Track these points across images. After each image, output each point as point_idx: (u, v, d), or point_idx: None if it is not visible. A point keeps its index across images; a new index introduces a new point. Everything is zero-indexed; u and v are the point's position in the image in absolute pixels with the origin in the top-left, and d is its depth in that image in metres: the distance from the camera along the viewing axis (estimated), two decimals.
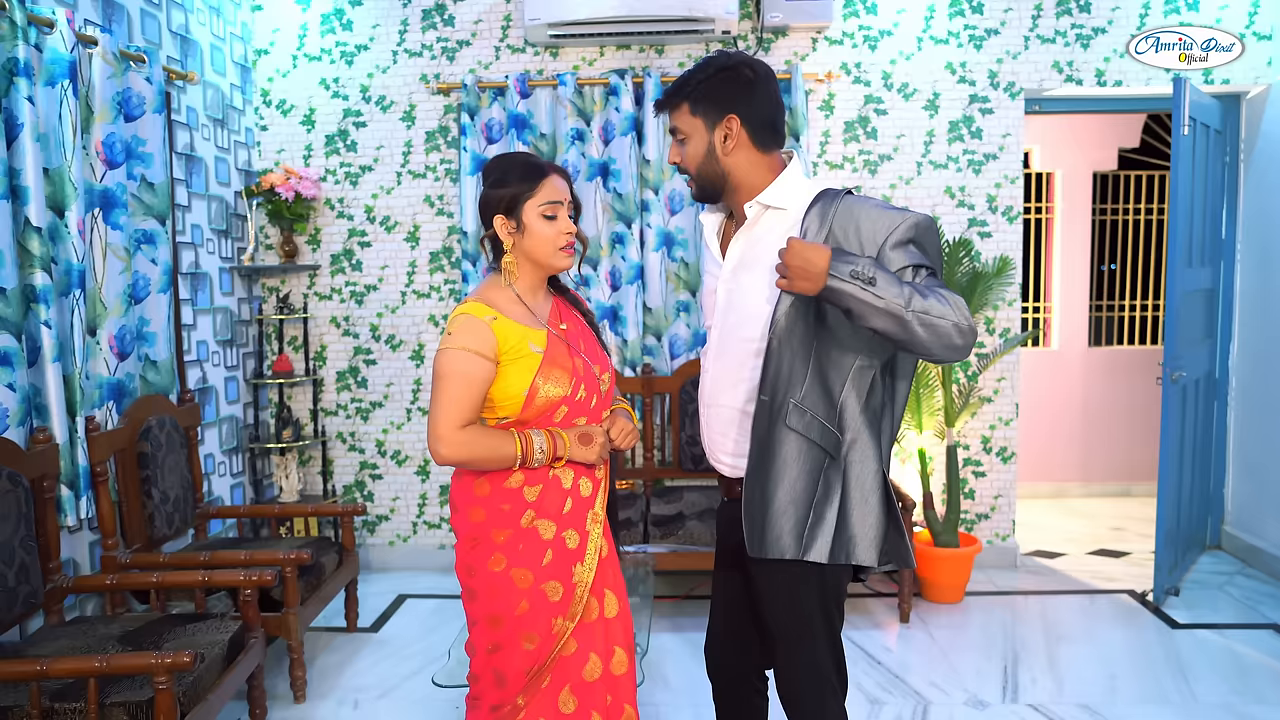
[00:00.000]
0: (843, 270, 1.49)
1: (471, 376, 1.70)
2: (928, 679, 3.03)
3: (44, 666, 2.05)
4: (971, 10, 3.93)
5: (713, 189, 1.74)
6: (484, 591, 1.76)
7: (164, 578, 2.66)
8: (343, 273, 4.13)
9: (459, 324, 1.73)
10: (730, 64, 1.68)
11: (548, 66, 4.01)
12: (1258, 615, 3.55)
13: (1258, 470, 4.12)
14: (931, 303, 1.49)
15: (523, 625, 1.74)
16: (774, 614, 1.75)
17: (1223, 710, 2.79)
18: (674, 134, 1.74)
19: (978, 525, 4.13)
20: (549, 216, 1.76)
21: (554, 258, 1.79)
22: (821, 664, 1.73)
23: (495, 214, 1.78)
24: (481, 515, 1.76)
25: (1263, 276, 4.06)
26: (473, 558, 1.78)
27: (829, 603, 1.72)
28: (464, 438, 1.69)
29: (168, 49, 3.41)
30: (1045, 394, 5.40)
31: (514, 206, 1.76)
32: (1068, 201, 5.46)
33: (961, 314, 1.51)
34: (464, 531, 1.79)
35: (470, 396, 1.70)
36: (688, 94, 1.69)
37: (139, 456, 3.01)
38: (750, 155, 1.70)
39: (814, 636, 1.72)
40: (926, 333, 1.49)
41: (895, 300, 1.48)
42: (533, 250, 1.78)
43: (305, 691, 2.94)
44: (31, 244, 2.56)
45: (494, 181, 1.78)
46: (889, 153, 4.00)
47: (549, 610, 1.75)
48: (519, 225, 1.76)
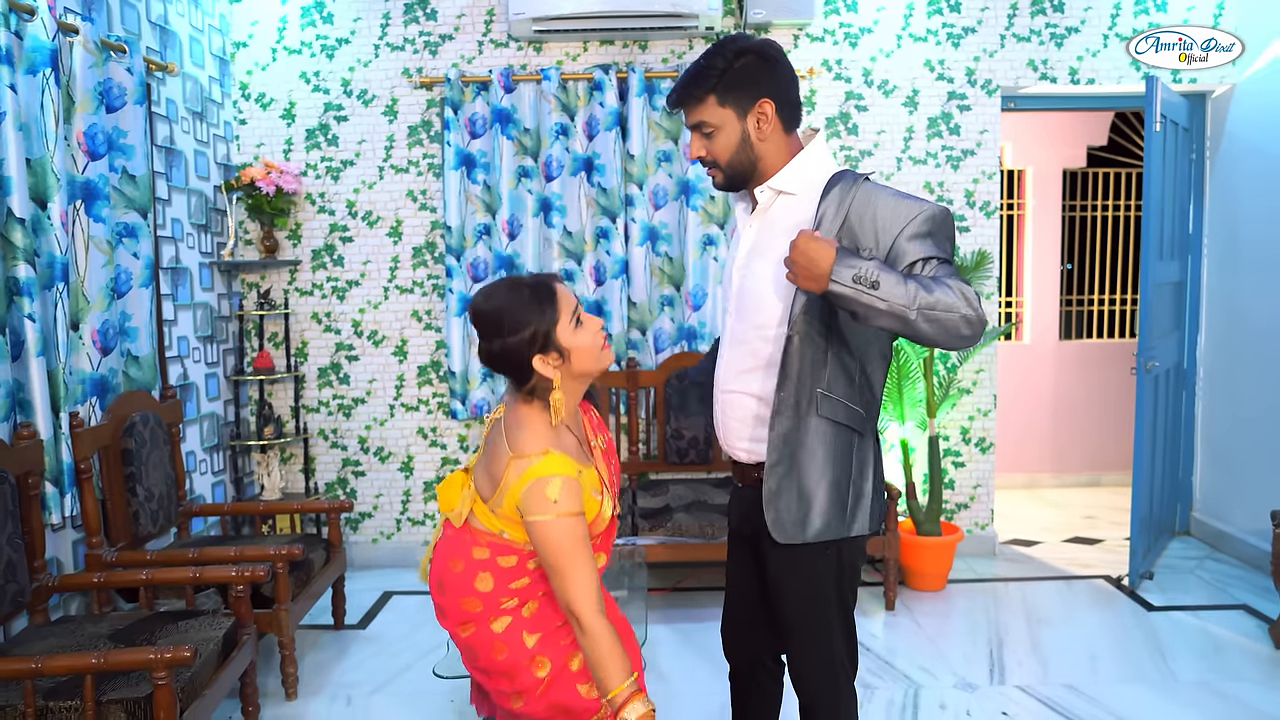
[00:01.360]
0: (845, 275, 1.47)
1: (587, 542, 1.59)
2: (917, 664, 3.09)
3: (39, 664, 2.01)
4: (949, 9, 4.00)
5: (743, 178, 1.72)
6: (511, 657, 1.68)
7: (154, 575, 2.62)
8: (324, 268, 4.09)
9: (560, 488, 1.55)
10: (750, 47, 1.64)
11: (531, 61, 4.01)
12: (1229, 596, 3.66)
13: (1224, 458, 4.25)
14: (938, 296, 1.47)
15: (575, 678, 1.69)
16: (791, 599, 1.75)
17: (1201, 688, 2.88)
18: (698, 129, 1.68)
19: (958, 514, 4.20)
20: (577, 322, 1.64)
21: (601, 360, 1.68)
22: (837, 648, 1.76)
23: (533, 357, 1.61)
24: (479, 607, 1.69)
25: (1228, 270, 4.19)
26: (476, 625, 1.70)
27: (845, 584, 1.75)
28: (602, 629, 1.56)
29: (147, 39, 3.35)
30: (1018, 387, 5.51)
31: (549, 342, 1.61)
32: (1039, 198, 5.57)
33: (969, 305, 1.49)
34: (454, 614, 1.71)
35: (594, 570, 1.59)
36: (712, 85, 1.64)
37: (123, 453, 2.96)
38: (779, 138, 1.69)
39: (830, 622, 1.74)
40: (932, 328, 1.48)
41: (899, 301, 1.46)
42: (581, 367, 1.65)
43: (297, 688, 2.91)
44: (14, 235, 2.51)
45: (508, 329, 1.60)
46: (870, 148, 4.06)
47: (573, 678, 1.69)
48: (561, 355, 1.63)
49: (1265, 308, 3.92)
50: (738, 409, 1.76)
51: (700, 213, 3.93)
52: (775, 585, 1.78)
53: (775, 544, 1.72)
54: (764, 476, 1.69)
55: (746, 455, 1.78)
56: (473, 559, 1.67)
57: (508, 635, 1.67)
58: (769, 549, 1.75)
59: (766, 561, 1.78)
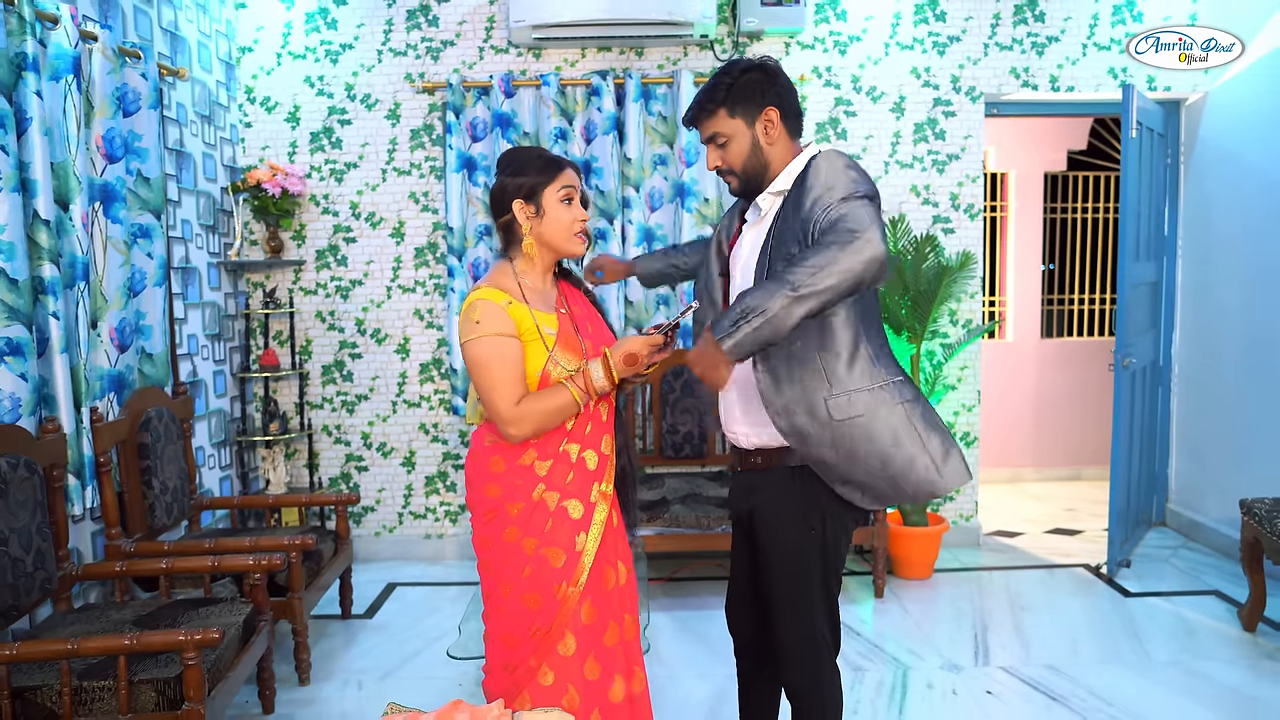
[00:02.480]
0: (723, 331, 1.55)
1: (509, 357, 1.79)
2: (905, 647, 3.23)
3: (75, 645, 2.11)
4: (935, 18, 4.15)
5: (757, 182, 1.87)
6: (496, 562, 1.86)
7: (174, 564, 2.71)
8: (328, 268, 4.19)
9: (481, 311, 1.80)
10: (753, 65, 1.83)
11: (530, 67, 4.13)
12: (1201, 583, 3.83)
13: (1198, 452, 4.42)
14: (811, 259, 1.53)
15: (526, 588, 1.83)
16: (777, 574, 1.88)
17: (1174, 667, 3.03)
18: (712, 140, 1.86)
19: (943, 506, 4.35)
20: (566, 201, 1.87)
21: (569, 242, 1.89)
22: (819, 624, 1.88)
23: (515, 199, 1.86)
24: (497, 491, 1.85)
25: (1202, 270, 4.36)
26: (488, 532, 1.87)
27: (829, 560, 1.87)
28: (525, 410, 1.79)
29: (159, 45, 3.44)
30: (1001, 384, 5.67)
31: (534, 193, 1.86)
32: (1021, 200, 5.74)
33: (846, 250, 1.53)
34: (480, 507, 1.89)
35: (515, 375, 1.79)
36: (721, 99, 1.82)
37: (139, 447, 3.05)
38: (785, 143, 1.86)
39: (813, 599, 1.87)
40: (831, 278, 1.51)
41: (777, 297, 1.52)
42: (550, 235, 1.87)
43: (310, 674, 3.01)
44: (40, 236, 2.60)
45: (512, 171, 1.88)
46: (858, 153, 4.20)
47: (551, 575, 1.83)
48: (538, 210, 1.86)
49: (1236, 306, 4.09)
50: (738, 398, 1.90)
51: (694, 214, 4.05)
52: (764, 561, 1.91)
53: (764, 521, 1.86)
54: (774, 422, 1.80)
55: (744, 439, 1.91)
56: (484, 446, 1.90)
57: (476, 466, 1.93)
58: (759, 526, 1.88)
59: (757, 539, 1.91)
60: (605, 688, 1.87)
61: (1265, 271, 3.90)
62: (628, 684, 1.92)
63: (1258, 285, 3.95)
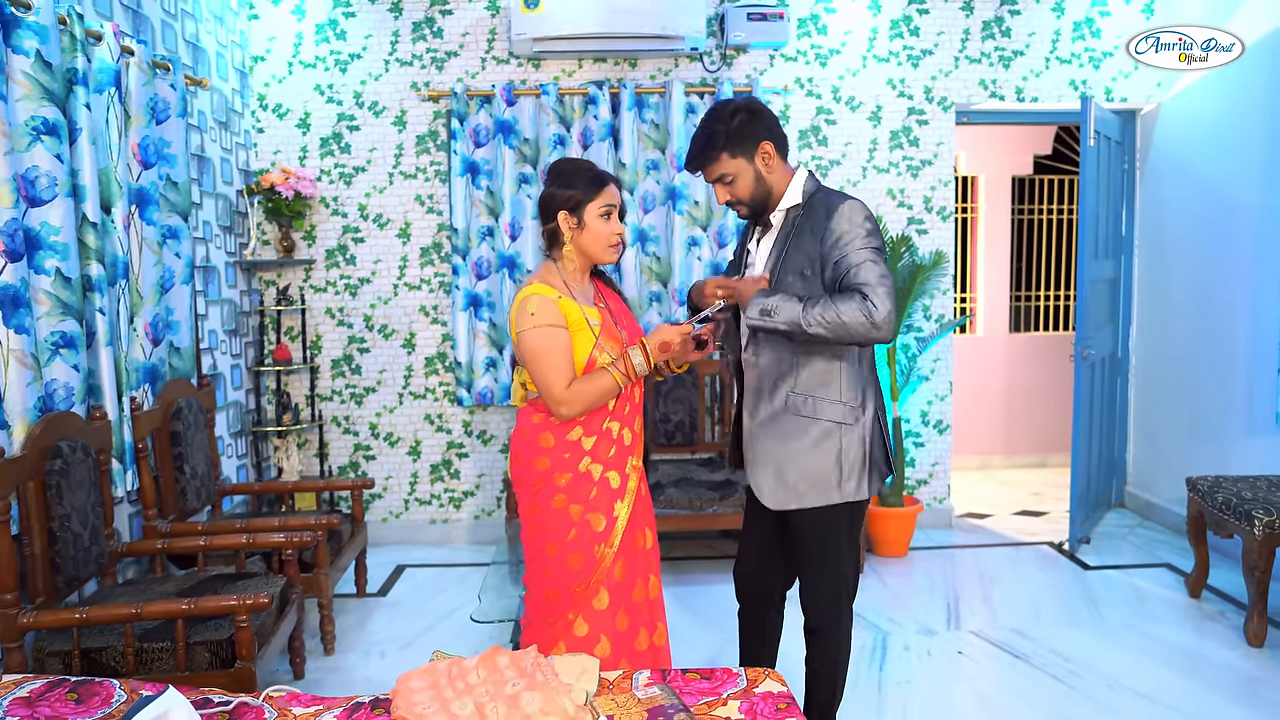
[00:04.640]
0: (754, 310, 2.00)
1: (560, 346, 2.05)
2: (884, 615, 3.51)
3: (138, 609, 2.33)
4: (909, 33, 4.43)
5: (763, 206, 2.15)
6: (545, 526, 2.12)
7: (211, 541, 2.93)
8: (337, 267, 4.40)
9: (536, 304, 2.05)
10: (740, 106, 2.10)
11: (530, 77, 4.36)
12: (1154, 557, 4.15)
13: (1153, 438, 4.75)
14: (838, 308, 1.95)
15: (571, 548, 2.11)
16: (809, 531, 2.17)
17: (1126, 629, 3.34)
18: (720, 180, 2.13)
19: (918, 489, 4.64)
20: (604, 215, 2.12)
21: (605, 253, 2.15)
22: (845, 573, 2.18)
23: (560, 210, 2.11)
24: (546, 463, 2.12)
25: (1156, 268, 4.68)
26: (537, 500, 2.13)
27: (855, 516, 2.19)
28: (575, 392, 2.05)
29: (183, 56, 3.64)
30: (972, 375, 5.99)
31: (578, 207, 2.10)
32: (990, 202, 6.06)
33: (859, 314, 1.93)
34: (528, 479, 2.14)
35: (566, 361, 2.06)
36: (721, 145, 2.08)
37: (171, 435, 3.25)
38: (780, 168, 2.14)
39: (840, 552, 2.17)
40: (827, 331, 1.95)
41: (792, 319, 1.97)
42: (588, 245, 2.13)
43: (334, 645, 3.24)
44: (88, 238, 2.80)
45: (561, 183, 2.12)
46: (838, 158, 4.48)
47: (593, 538, 2.11)
48: (580, 223, 2.11)
49: (1188, 301, 4.42)
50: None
51: (685, 216, 4.31)
52: (796, 517, 2.17)
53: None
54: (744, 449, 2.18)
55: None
56: (532, 424, 2.15)
57: (525, 442, 2.19)
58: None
59: (790, 515, 2.19)
60: (633, 638, 2.13)
61: (1212, 270, 4.22)
62: (651, 636, 2.18)
63: (1207, 283, 4.27)
